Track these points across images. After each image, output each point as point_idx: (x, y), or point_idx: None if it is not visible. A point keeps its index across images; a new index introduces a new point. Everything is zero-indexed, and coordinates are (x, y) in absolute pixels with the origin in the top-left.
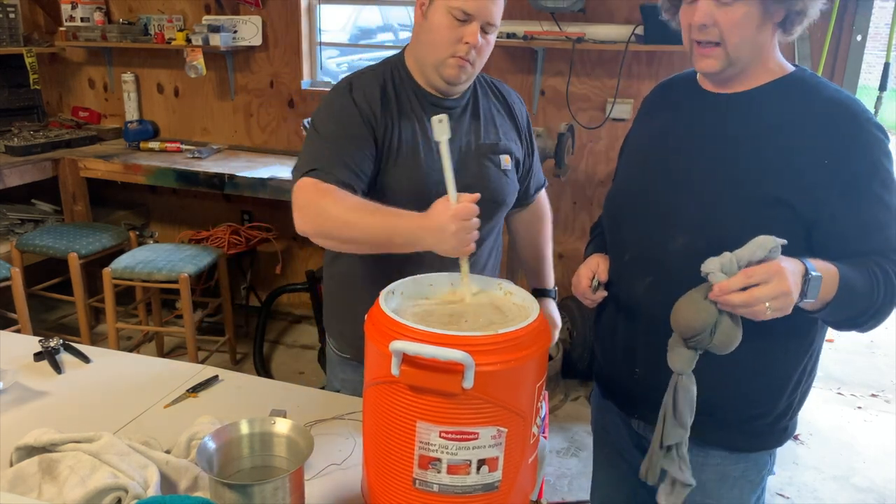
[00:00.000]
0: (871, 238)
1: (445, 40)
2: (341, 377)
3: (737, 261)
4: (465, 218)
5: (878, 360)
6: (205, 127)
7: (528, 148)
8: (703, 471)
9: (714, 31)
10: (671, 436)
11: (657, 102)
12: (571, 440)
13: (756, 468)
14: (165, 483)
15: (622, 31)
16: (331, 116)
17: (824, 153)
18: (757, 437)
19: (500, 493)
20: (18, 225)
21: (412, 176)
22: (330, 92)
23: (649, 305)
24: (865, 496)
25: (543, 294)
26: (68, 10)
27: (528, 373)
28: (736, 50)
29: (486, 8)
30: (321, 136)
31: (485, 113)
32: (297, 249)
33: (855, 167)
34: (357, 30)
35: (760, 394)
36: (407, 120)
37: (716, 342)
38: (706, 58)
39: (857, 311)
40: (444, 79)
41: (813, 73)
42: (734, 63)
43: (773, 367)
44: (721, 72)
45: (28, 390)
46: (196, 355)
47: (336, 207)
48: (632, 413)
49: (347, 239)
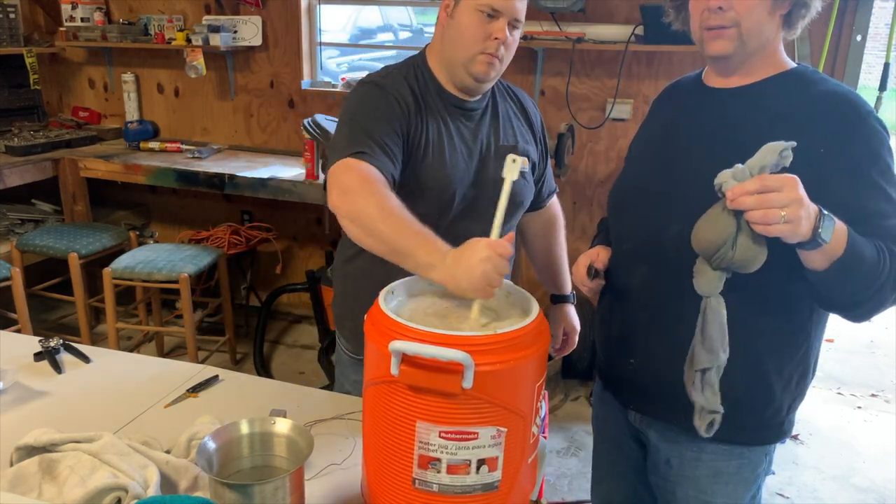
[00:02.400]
0: (872, 224)
1: (475, 37)
2: (353, 379)
3: (748, 170)
4: (500, 253)
5: (878, 360)
6: (205, 127)
7: (543, 152)
8: (696, 466)
9: (729, 15)
10: (700, 361)
11: (663, 103)
12: (571, 440)
13: (751, 466)
14: (165, 483)
15: (622, 31)
16: (368, 107)
17: (822, 142)
18: (750, 431)
19: (500, 493)
20: (18, 225)
21: (437, 175)
22: (357, 88)
23: (644, 294)
24: (865, 496)
25: (563, 300)
26: (68, 10)
27: (527, 373)
28: (748, 33)
29: (514, 4)
30: (359, 124)
31: (503, 115)
32: (297, 249)
33: (854, 154)
34: (357, 30)
35: (753, 388)
36: (433, 119)
37: (737, 258)
38: (719, 38)
39: (862, 284)
40: (474, 76)
41: (815, 69)
42: (745, 45)
43: (765, 360)
44: (732, 55)
45: (28, 390)
46: (196, 355)
47: (374, 207)
48: (627, 404)
49: (374, 234)
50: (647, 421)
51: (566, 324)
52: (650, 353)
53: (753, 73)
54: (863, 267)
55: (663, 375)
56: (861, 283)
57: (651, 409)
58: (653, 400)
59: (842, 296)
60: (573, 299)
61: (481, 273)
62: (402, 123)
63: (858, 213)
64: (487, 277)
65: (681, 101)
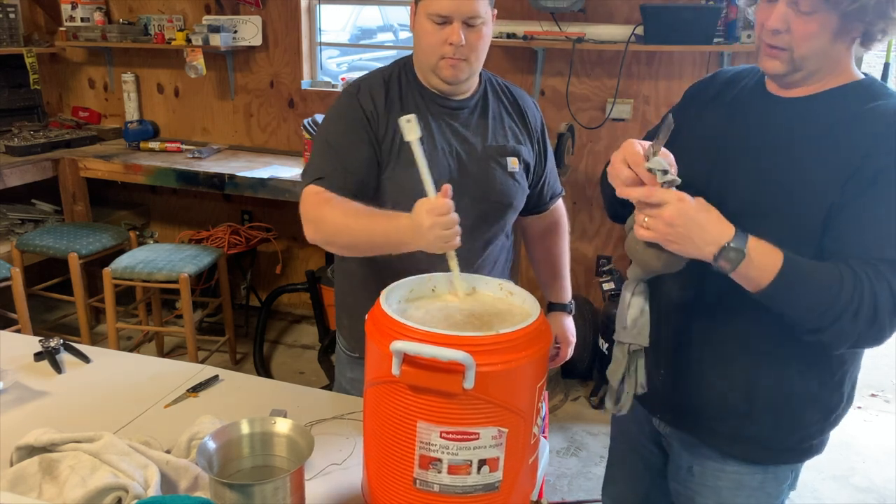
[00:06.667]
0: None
1: (431, 45)
2: (350, 376)
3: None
4: (440, 213)
5: (878, 360)
6: (205, 127)
7: (542, 153)
8: (719, 477)
9: (785, 38)
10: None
11: (714, 95)
12: (571, 440)
13: (775, 481)
14: (165, 483)
15: (622, 31)
16: (337, 121)
17: (858, 156)
18: (777, 453)
19: (501, 494)
20: (18, 225)
21: (415, 176)
22: (336, 98)
23: (674, 306)
24: (865, 496)
25: (560, 308)
26: (68, 10)
27: (528, 373)
28: (802, 59)
29: (461, 6)
30: (327, 142)
31: (493, 114)
32: (297, 249)
33: (880, 166)
34: (357, 30)
35: (780, 413)
36: None
37: (632, 255)
38: (772, 58)
39: (809, 312)
40: (443, 80)
41: (883, 84)
42: (799, 69)
43: (795, 386)
44: (784, 75)
45: (28, 390)
46: (196, 355)
47: (333, 214)
48: (654, 412)
49: (347, 244)
50: (672, 430)
51: (560, 333)
52: (679, 366)
53: (816, 85)
54: (806, 296)
55: (691, 389)
56: (807, 310)
57: (676, 421)
58: (680, 412)
59: (792, 319)
60: (571, 309)
61: (434, 238)
62: (369, 130)
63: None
64: (441, 238)
65: (741, 103)
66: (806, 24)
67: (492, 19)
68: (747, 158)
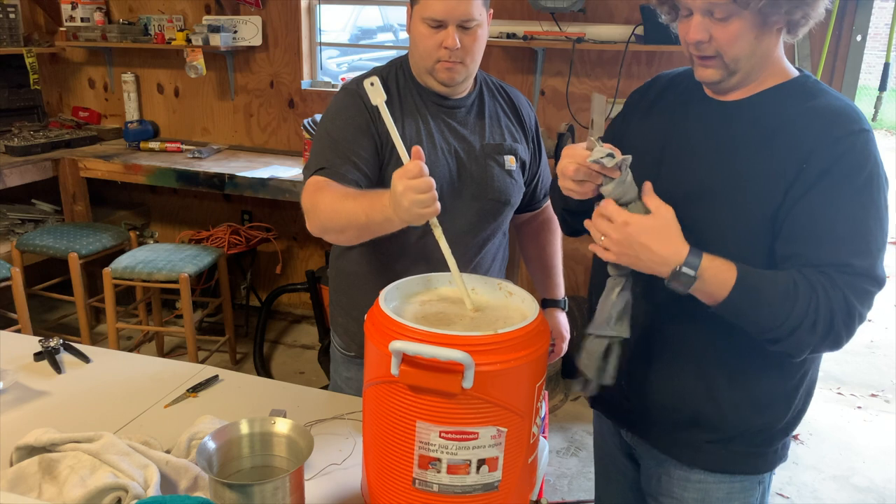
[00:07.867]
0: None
1: (427, 48)
2: (345, 375)
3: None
4: (411, 176)
5: (878, 360)
6: (205, 127)
7: (536, 151)
8: (685, 487)
9: (710, 47)
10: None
11: (653, 100)
12: (571, 440)
13: (743, 493)
14: (165, 483)
15: (622, 31)
16: (338, 115)
17: (807, 157)
18: (741, 459)
19: (500, 493)
20: (18, 225)
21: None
22: (335, 95)
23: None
24: (865, 496)
25: (553, 304)
26: (68, 10)
27: (527, 373)
28: (735, 62)
29: (455, 9)
30: (328, 135)
31: (490, 113)
32: (297, 249)
33: (833, 171)
34: (357, 30)
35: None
36: (410, 118)
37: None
38: (706, 68)
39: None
40: (440, 82)
41: (816, 80)
42: (734, 72)
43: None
44: (721, 81)
45: (28, 390)
46: (196, 355)
47: (325, 200)
48: (621, 424)
49: (339, 228)
50: (640, 441)
51: (554, 329)
52: (638, 376)
53: (753, 85)
54: (761, 310)
55: (651, 398)
56: (764, 322)
57: (640, 431)
58: (641, 421)
59: (751, 331)
60: (564, 305)
61: (409, 204)
62: (371, 124)
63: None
64: (416, 202)
65: (682, 105)
66: (726, 28)
67: (487, 20)
68: (692, 163)
